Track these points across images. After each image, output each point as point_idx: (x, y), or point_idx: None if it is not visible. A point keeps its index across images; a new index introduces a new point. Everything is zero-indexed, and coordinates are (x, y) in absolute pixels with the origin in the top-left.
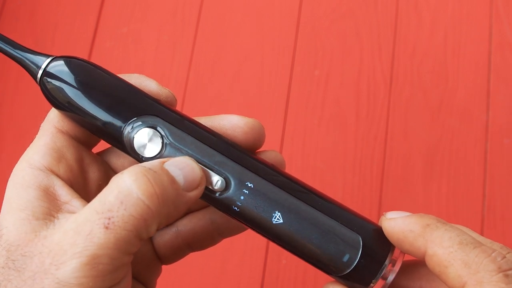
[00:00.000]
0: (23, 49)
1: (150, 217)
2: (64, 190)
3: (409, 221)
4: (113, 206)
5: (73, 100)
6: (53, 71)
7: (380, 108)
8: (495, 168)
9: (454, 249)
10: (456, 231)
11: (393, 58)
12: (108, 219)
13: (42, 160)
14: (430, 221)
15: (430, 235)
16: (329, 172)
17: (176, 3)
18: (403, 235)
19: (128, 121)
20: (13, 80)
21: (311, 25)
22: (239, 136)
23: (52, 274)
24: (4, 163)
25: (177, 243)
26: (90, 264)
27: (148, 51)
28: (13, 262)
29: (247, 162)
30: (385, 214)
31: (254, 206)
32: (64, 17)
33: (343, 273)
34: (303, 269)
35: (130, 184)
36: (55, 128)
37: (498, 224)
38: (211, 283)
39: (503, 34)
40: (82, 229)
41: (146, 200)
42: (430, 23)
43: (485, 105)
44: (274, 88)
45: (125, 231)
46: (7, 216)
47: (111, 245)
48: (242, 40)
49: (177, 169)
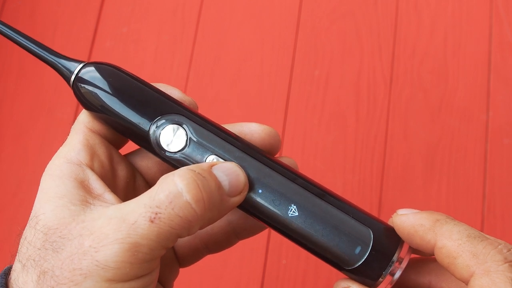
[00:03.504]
0: (57, 55)
1: (195, 220)
2: (98, 184)
3: (420, 216)
4: (162, 203)
5: (103, 102)
6: (85, 76)
7: (380, 108)
8: (495, 168)
9: (463, 241)
10: (464, 225)
11: (393, 58)
12: (155, 214)
13: (78, 156)
14: (439, 217)
15: (440, 229)
16: (329, 172)
17: (176, 3)
18: (413, 229)
19: (155, 119)
20: (13, 80)
21: (311, 25)
22: (257, 141)
23: (91, 255)
24: (4, 163)
25: (195, 244)
26: (131, 251)
27: (148, 51)
28: (51, 244)
29: (265, 160)
30: (397, 211)
31: (271, 199)
32: (64, 17)
33: (354, 266)
34: (303, 269)
35: (181, 187)
36: (86, 128)
37: (498, 224)
38: (211, 283)
39: (503, 34)
40: (128, 218)
41: (193, 204)
42: (430, 23)
43: (485, 105)
44: (274, 88)
45: (169, 228)
46: (44, 204)
47: (153, 237)
48: (242, 40)
49: (224, 174)
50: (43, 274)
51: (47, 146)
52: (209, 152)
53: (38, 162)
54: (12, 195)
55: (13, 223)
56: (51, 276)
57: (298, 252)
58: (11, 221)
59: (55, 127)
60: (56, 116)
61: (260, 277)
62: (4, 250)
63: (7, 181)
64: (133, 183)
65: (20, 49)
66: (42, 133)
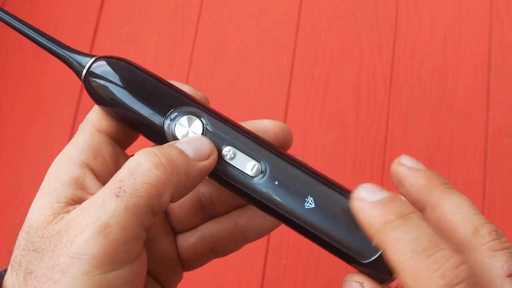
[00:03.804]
0: (69, 49)
1: (160, 185)
2: (94, 183)
3: (372, 211)
4: (124, 177)
5: (116, 96)
6: (96, 71)
7: (380, 108)
8: (495, 168)
9: (406, 257)
10: (413, 233)
11: (393, 58)
12: (119, 188)
13: (80, 154)
14: (390, 217)
15: (387, 236)
16: (329, 172)
17: (176, 3)
18: (365, 225)
19: (170, 111)
20: (13, 80)
21: (311, 25)
22: (271, 137)
23: (67, 249)
24: (4, 163)
25: (201, 247)
26: (102, 233)
27: (148, 51)
28: (32, 244)
29: (280, 153)
30: (357, 188)
31: (287, 192)
32: (64, 17)
33: (369, 260)
34: (303, 269)
35: (138, 158)
36: (94, 127)
37: (498, 224)
38: (211, 283)
39: (503, 34)
40: (96, 201)
41: (154, 169)
42: (430, 23)
43: (485, 105)
44: (274, 88)
45: (135, 197)
46: (34, 203)
47: (122, 212)
48: (242, 40)
49: (185, 143)
50: (28, 275)
51: (47, 146)
52: (225, 144)
53: (38, 162)
54: (12, 195)
55: (13, 223)
56: (34, 277)
57: (298, 252)
58: (11, 221)
59: (55, 127)
60: (56, 116)
61: (260, 277)
62: (4, 250)
63: (7, 181)
64: None
65: (20, 49)
66: (42, 133)
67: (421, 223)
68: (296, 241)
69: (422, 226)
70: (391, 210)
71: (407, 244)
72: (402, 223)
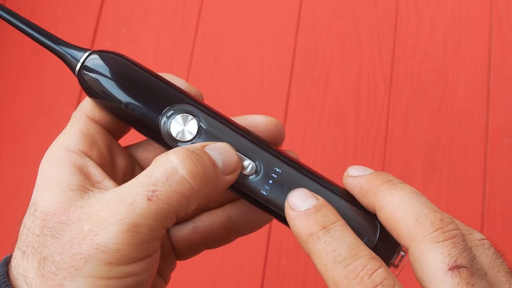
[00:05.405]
0: (63, 43)
1: (192, 195)
2: (97, 171)
3: (299, 221)
4: (159, 181)
5: (110, 91)
6: (90, 64)
7: (380, 108)
8: (495, 168)
9: (328, 267)
10: (333, 244)
11: (393, 58)
12: (152, 192)
13: (77, 144)
14: (314, 229)
15: (312, 247)
16: (329, 172)
17: (176, 3)
18: (295, 234)
19: (165, 108)
20: (13, 80)
21: (311, 25)
22: (263, 132)
23: (91, 239)
24: (4, 163)
25: (194, 238)
26: (129, 231)
27: (148, 51)
28: (50, 230)
29: (274, 151)
30: (291, 193)
31: (281, 190)
32: (64, 17)
33: None
34: (303, 269)
35: (176, 163)
36: (87, 117)
37: (498, 224)
38: (211, 283)
39: (503, 34)
40: (125, 199)
41: (190, 179)
42: (430, 23)
43: (485, 105)
44: (274, 88)
45: (167, 205)
46: (42, 191)
47: (152, 216)
48: (242, 40)
49: (216, 153)
50: (43, 260)
51: (47, 146)
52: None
53: (38, 162)
54: (12, 195)
55: (13, 223)
56: (52, 262)
57: (298, 252)
58: (11, 221)
59: (55, 127)
60: (56, 116)
61: (260, 277)
62: (5, 250)
63: (7, 181)
64: (131, 174)
65: (20, 49)
66: (42, 133)
67: (342, 233)
68: (296, 241)
69: (343, 236)
70: (315, 221)
71: (328, 255)
72: (324, 234)
